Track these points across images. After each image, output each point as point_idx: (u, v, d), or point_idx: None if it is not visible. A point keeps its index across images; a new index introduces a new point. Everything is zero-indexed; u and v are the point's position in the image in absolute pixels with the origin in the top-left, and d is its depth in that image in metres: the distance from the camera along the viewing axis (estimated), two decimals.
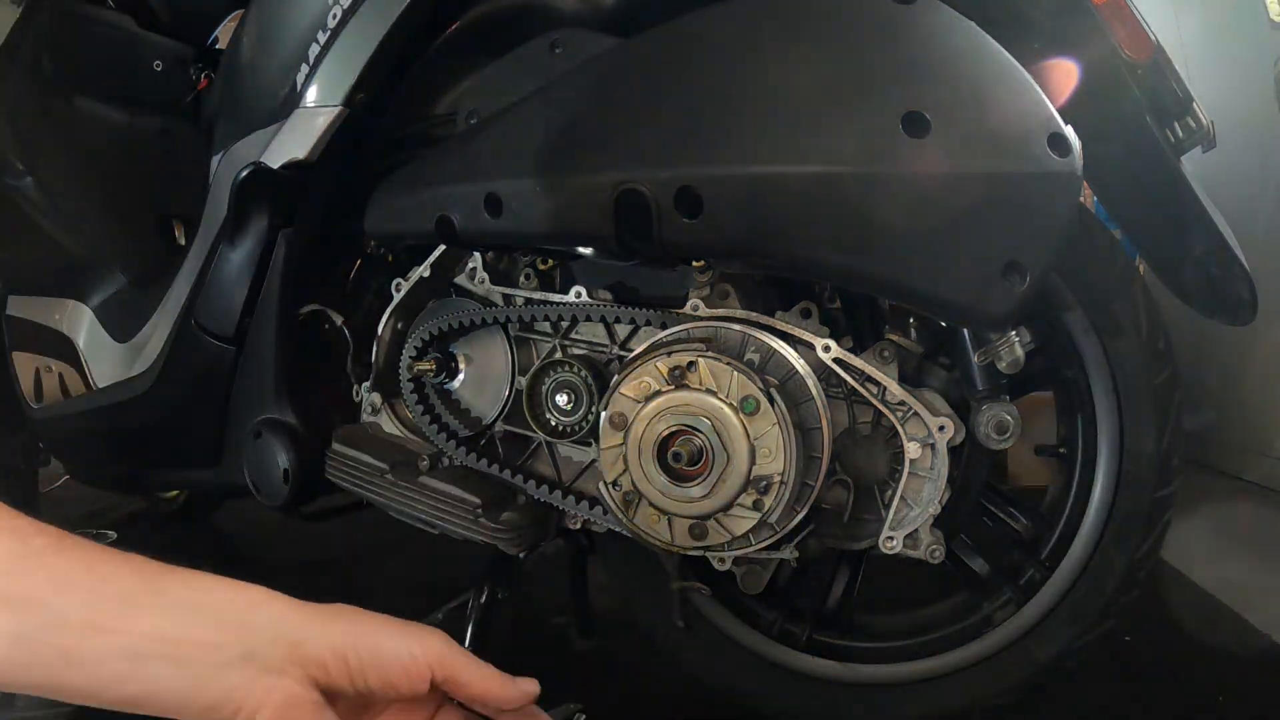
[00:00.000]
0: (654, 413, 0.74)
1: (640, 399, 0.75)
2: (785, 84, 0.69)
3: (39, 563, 0.43)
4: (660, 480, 0.74)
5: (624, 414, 0.75)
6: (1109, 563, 0.89)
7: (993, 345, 0.76)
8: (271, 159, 0.89)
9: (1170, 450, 0.87)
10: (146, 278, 1.18)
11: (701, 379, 0.73)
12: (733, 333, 0.79)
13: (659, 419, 0.74)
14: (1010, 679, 0.92)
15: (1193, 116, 0.81)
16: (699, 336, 0.81)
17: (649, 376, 0.75)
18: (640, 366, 0.76)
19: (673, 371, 0.74)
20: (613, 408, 0.76)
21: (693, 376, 0.73)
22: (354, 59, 0.83)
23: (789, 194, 0.66)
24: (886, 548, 0.81)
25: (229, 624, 0.46)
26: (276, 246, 0.94)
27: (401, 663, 0.48)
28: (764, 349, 0.78)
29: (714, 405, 0.72)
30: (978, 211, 0.63)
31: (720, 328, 0.78)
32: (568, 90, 0.79)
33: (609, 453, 0.76)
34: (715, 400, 0.72)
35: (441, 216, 0.82)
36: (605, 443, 0.76)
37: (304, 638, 0.46)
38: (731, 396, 0.72)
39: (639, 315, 0.82)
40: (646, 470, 0.74)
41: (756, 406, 0.72)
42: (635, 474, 0.75)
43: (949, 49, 0.66)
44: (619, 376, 0.77)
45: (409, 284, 0.93)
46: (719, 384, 0.73)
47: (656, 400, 0.74)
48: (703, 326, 0.80)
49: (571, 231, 0.76)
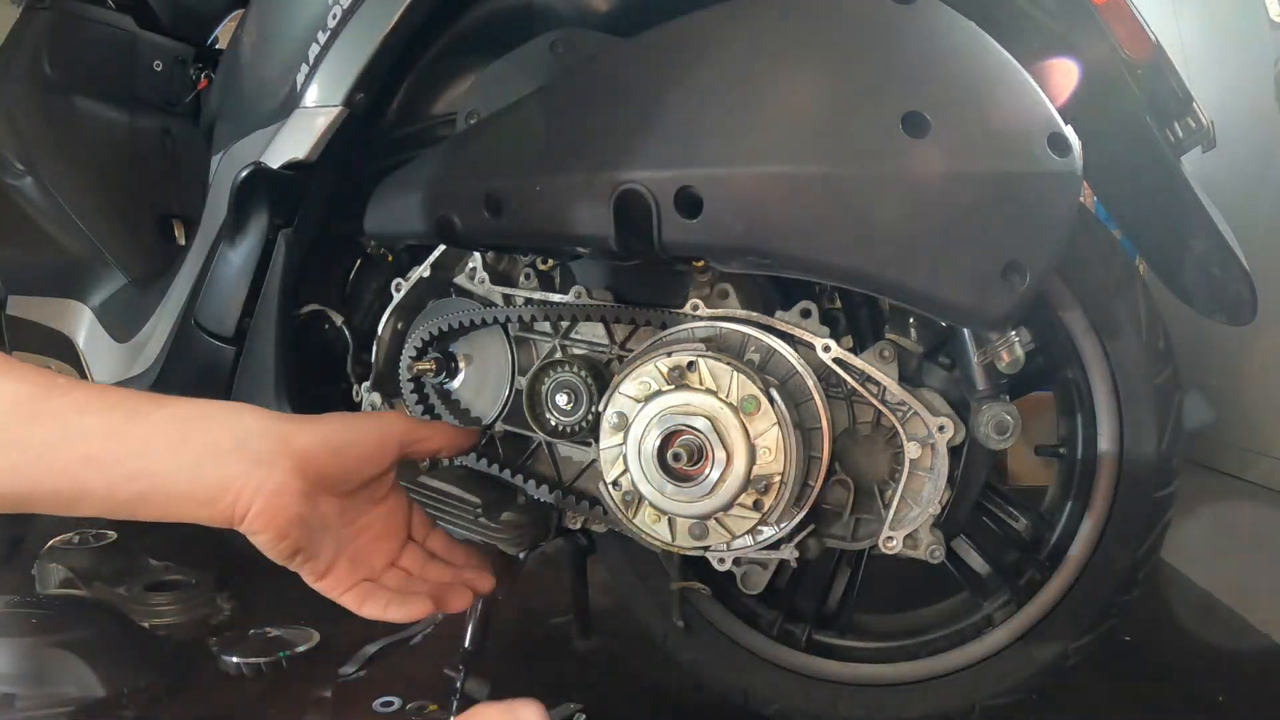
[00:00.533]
0: (654, 413, 0.74)
1: (640, 399, 0.75)
2: (785, 84, 0.69)
3: (61, 393, 0.51)
4: (660, 480, 0.74)
5: (624, 414, 0.75)
6: (1109, 563, 0.89)
7: (993, 345, 0.76)
8: (271, 159, 0.89)
9: (1170, 450, 0.87)
10: (146, 278, 1.18)
11: (702, 379, 0.73)
12: (733, 333, 0.78)
13: (659, 419, 0.74)
14: (1010, 679, 0.92)
15: (1193, 116, 0.81)
16: (700, 336, 0.81)
17: (649, 376, 0.75)
18: (640, 366, 0.76)
19: (673, 371, 0.74)
20: (612, 407, 0.76)
21: (693, 376, 0.73)
22: (354, 59, 0.83)
23: (789, 194, 0.66)
24: (886, 548, 0.81)
25: (224, 425, 0.53)
26: (276, 246, 0.94)
27: (374, 437, 0.60)
28: (764, 349, 0.78)
29: (714, 405, 0.72)
30: (977, 211, 0.63)
31: (721, 328, 0.78)
32: (568, 90, 0.79)
33: (609, 452, 0.76)
34: (715, 400, 0.72)
35: (441, 216, 0.82)
36: (605, 442, 0.76)
37: (291, 432, 0.55)
38: (731, 396, 0.72)
39: (639, 315, 0.82)
40: (646, 470, 0.74)
41: (757, 406, 0.71)
42: (635, 474, 0.75)
43: (949, 49, 0.66)
44: (619, 376, 0.77)
45: (409, 284, 0.93)
46: (719, 384, 0.73)
47: (657, 400, 0.74)
48: (703, 326, 0.80)
49: (571, 231, 0.76)
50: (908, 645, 0.96)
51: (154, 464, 0.50)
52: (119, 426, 0.51)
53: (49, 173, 1.19)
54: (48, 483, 0.49)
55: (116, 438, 0.50)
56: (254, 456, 0.53)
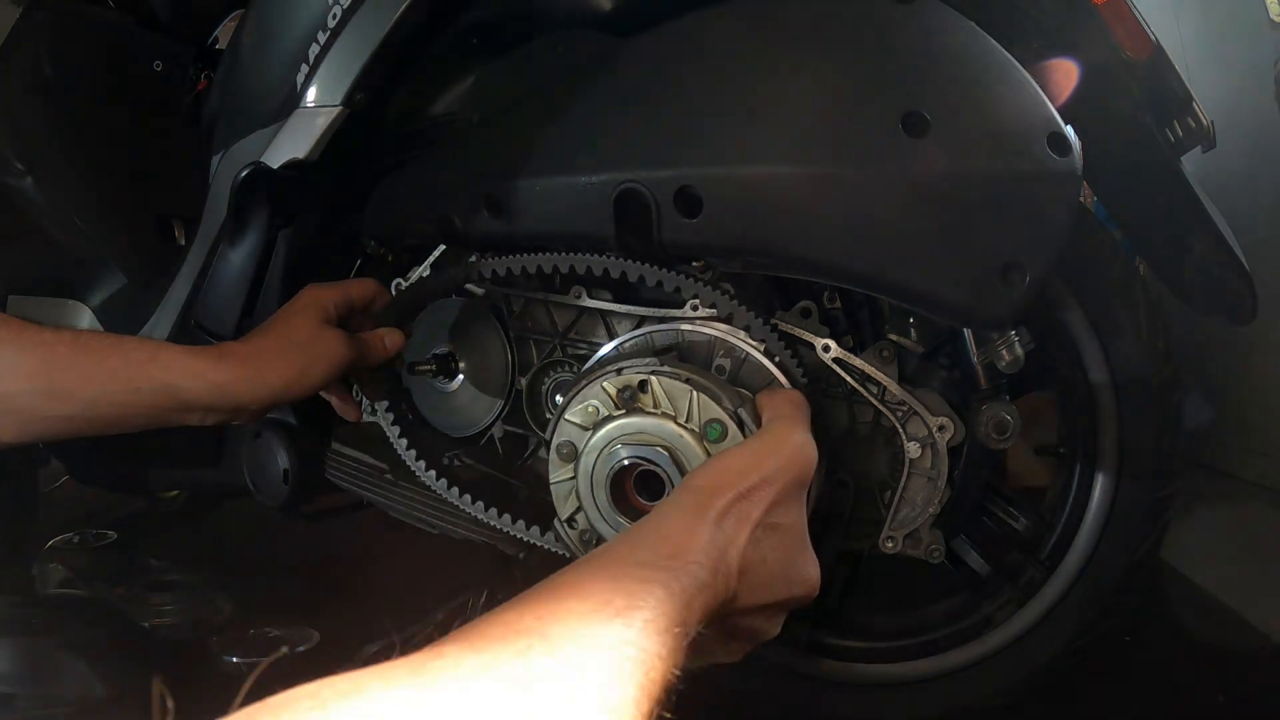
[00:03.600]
0: (604, 442, 0.63)
1: (588, 426, 0.64)
2: (785, 84, 0.69)
3: (87, 335, 0.69)
4: (617, 520, 0.65)
5: (572, 443, 0.65)
6: (1109, 563, 0.89)
7: (993, 345, 0.76)
8: (271, 159, 0.89)
9: (1170, 450, 0.87)
10: (146, 278, 1.18)
11: (656, 400, 0.62)
12: (699, 338, 0.70)
13: (609, 451, 0.63)
14: (1010, 679, 0.92)
15: (1193, 116, 0.81)
16: (661, 344, 0.71)
17: (596, 399, 0.64)
18: (585, 388, 0.65)
19: (622, 393, 0.63)
20: (558, 436, 0.66)
21: (645, 398, 0.63)
22: (354, 59, 0.83)
23: (789, 194, 0.66)
24: (886, 547, 0.81)
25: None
26: (276, 246, 0.94)
27: (363, 287, 0.83)
28: (736, 354, 0.70)
29: (672, 432, 0.62)
30: (977, 211, 0.63)
31: (684, 331, 0.70)
32: (568, 90, 0.79)
33: (559, 488, 0.67)
34: (673, 426, 0.62)
35: (441, 216, 0.82)
36: (554, 475, 0.67)
37: (313, 298, 0.78)
38: (692, 421, 0.62)
39: (639, 315, 0.82)
40: (601, 509, 0.65)
41: (723, 432, 0.61)
42: (590, 512, 0.66)
43: (949, 49, 0.66)
44: (564, 401, 0.67)
45: (409, 284, 0.93)
46: (676, 406, 0.62)
47: (606, 427, 0.63)
48: (663, 331, 0.74)
49: (571, 231, 0.76)
50: (908, 645, 0.96)
51: (167, 352, 0.69)
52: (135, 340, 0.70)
53: (49, 173, 1.19)
54: (88, 378, 0.64)
55: (135, 346, 0.68)
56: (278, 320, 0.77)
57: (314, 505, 1.04)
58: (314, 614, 1.31)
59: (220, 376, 0.69)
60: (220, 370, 0.69)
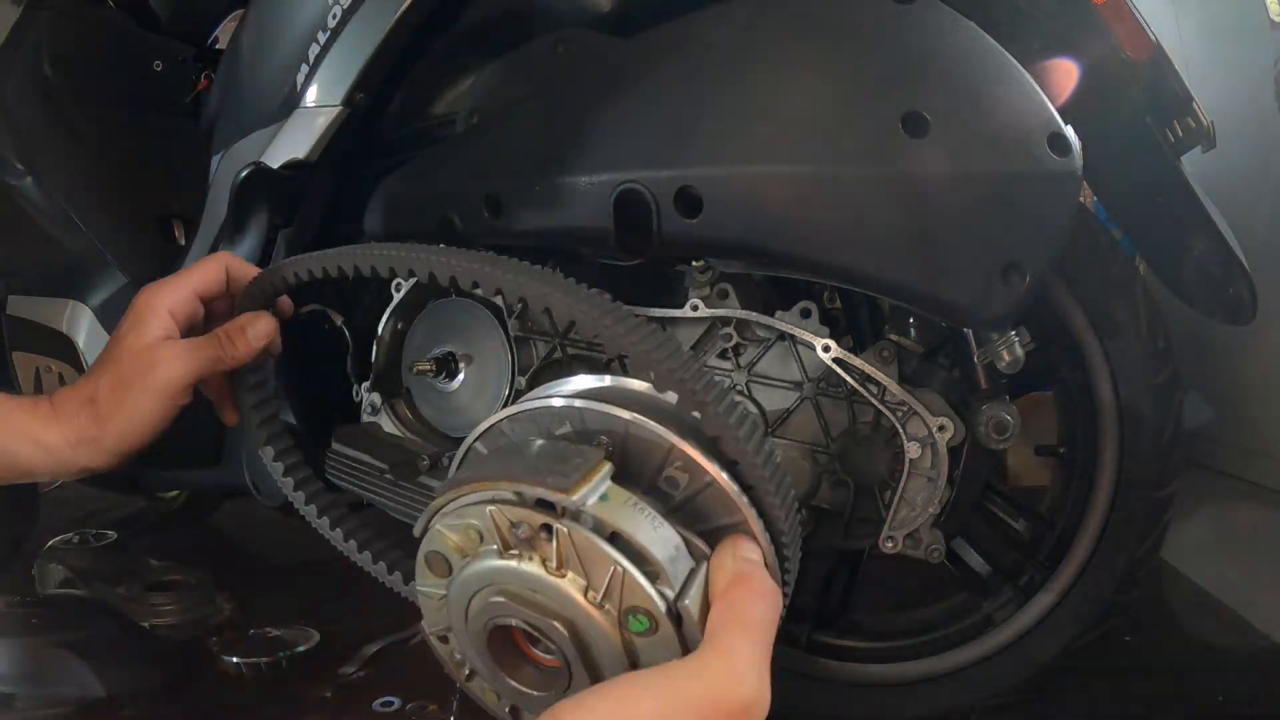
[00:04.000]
0: (481, 584, 0.44)
1: (464, 553, 0.45)
2: (785, 84, 0.69)
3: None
4: (496, 674, 0.47)
5: (445, 559, 0.46)
6: (1109, 563, 0.89)
7: (993, 345, 0.76)
8: (271, 159, 0.89)
9: (1170, 450, 0.87)
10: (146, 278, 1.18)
11: (562, 556, 0.41)
12: (644, 434, 0.45)
13: (489, 598, 0.44)
14: (1010, 679, 0.92)
15: (1193, 116, 0.81)
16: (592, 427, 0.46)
17: (479, 521, 0.43)
18: (465, 497, 0.44)
19: (515, 530, 0.42)
20: (428, 544, 0.46)
21: (546, 548, 0.42)
22: (354, 59, 0.83)
23: (789, 194, 0.66)
24: (886, 548, 0.81)
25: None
26: (276, 246, 0.94)
27: (206, 270, 0.72)
28: (696, 471, 0.44)
29: (579, 609, 0.42)
30: (977, 211, 0.63)
31: (632, 424, 0.45)
32: (568, 90, 0.79)
33: (428, 599, 0.49)
34: (581, 602, 0.41)
35: (442, 216, 0.82)
36: (421, 581, 0.48)
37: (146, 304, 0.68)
38: (610, 601, 0.41)
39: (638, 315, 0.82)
40: (479, 653, 0.47)
41: (651, 628, 0.41)
42: (464, 646, 0.48)
43: (949, 49, 0.66)
44: (439, 499, 0.46)
45: (409, 284, 0.93)
46: (590, 573, 0.41)
47: (485, 566, 0.44)
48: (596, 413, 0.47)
49: (571, 231, 0.76)
50: (908, 645, 0.96)
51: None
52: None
53: (49, 173, 1.19)
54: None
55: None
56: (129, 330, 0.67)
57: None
58: (314, 614, 1.32)
59: (51, 439, 0.63)
60: (51, 432, 0.63)
